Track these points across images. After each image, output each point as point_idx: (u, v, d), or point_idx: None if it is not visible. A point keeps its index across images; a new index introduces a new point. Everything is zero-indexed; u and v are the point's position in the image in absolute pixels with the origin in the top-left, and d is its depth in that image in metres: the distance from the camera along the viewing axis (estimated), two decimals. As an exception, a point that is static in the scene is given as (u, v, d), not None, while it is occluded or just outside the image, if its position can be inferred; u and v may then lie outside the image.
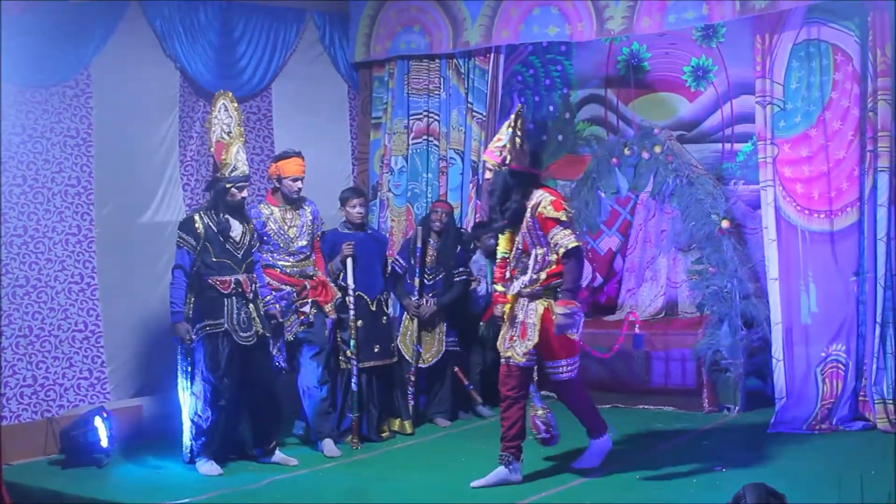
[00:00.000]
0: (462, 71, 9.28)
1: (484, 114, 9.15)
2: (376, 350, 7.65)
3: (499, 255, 6.49)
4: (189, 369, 6.80)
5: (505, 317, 6.34)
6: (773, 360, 7.69)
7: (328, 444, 7.27)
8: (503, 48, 9.15)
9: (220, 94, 7.03)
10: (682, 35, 9.21)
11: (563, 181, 10.16)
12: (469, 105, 9.22)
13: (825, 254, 7.55)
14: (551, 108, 10.46)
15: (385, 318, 7.82)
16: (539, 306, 6.09)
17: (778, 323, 7.67)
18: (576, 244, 6.01)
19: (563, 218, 6.04)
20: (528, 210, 6.11)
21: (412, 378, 8.00)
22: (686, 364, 8.58)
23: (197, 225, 6.78)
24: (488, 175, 6.37)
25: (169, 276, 6.82)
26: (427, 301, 8.03)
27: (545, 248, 6.10)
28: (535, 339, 6.07)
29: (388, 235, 9.10)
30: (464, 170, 9.23)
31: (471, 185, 9.16)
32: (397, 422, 7.90)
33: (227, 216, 6.83)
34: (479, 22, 9.00)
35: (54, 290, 7.52)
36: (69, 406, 7.53)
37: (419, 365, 8.06)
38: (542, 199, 6.08)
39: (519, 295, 6.19)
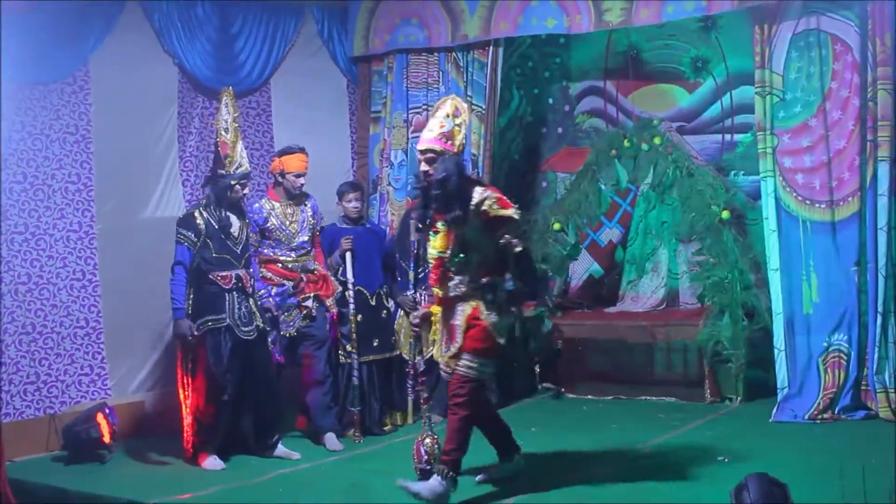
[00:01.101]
0: (461, 64, 9.26)
1: (483, 107, 9.14)
2: (376, 344, 7.66)
3: (434, 255, 6.01)
4: (191, 365, 6.81)
5: (434, 321, 6.02)
6: (775, 351, 7.69)
7: (330, 438, 7.28)
8: (502, 41, 9.12)
9: (223, 92, 7.06)
10: (681, 26, 9.19)
11: (563, 173, 10.18)
12: (468, 98, 9.20)
13: (826, 244, 7.55)
14: (550, 101, 10.47)
15: (385, 311, 7.83)
16: (468, 307, 5.76)
17: (779, 313, 7.67)
18: (522, 247, 5.75)
19: (515, 215, 5.73)
20: (472, 207, 5.69)
21: (410, 372, 7.97)
22: (688, 355, 8.59)
23: (197, 221, 6.79)
24: (425, 167, 5.78)
25: (169, 272, 6.82)
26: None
27: (486, 249, 5.75)
28: (460, 343, 5.75)
29: (387, 229, 9.09)
30: (464, 163, 9.20)
31: (471, 178, 9.14)
32: (399, 415, 7.91)
33: (226, 212, 6.85)
34: (478, 14, 8.99)
35: (56, 286, 7.53)
36: (71, 402, 7.54)
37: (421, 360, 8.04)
38: (485, 197, 5.69)
39: (455, 298, 5.85)
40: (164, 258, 6.93)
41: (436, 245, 5.96)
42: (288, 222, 7.38)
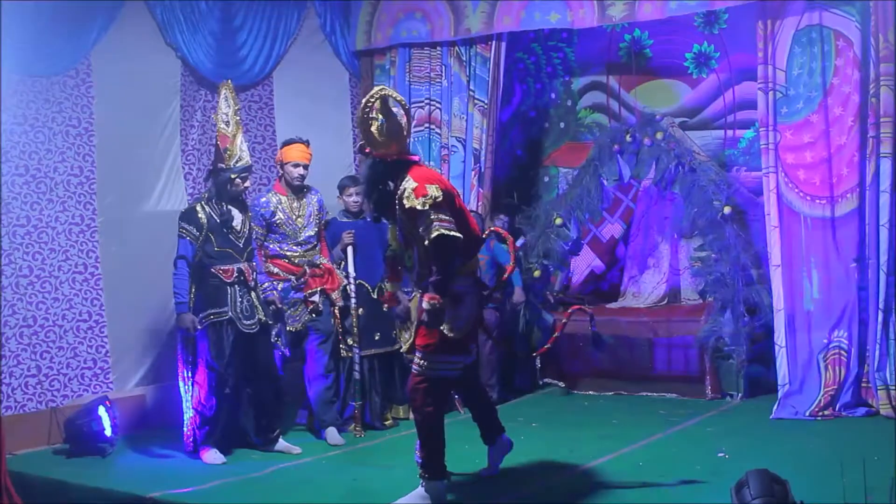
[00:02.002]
0: (464, 58, 9.26)
1: (486, 101, 9.14)
2: (377, 338, 7.66)
3: (388, 251, 6.01)
4: (192, 358, 6.81)
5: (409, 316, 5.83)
6: (776, 347, 7.70)
7: (332, 433, 7.28)
8: (505, 35, 9.12)
9: (222, 85, 7.04)
10: (684, 21, 9.18)
11: (565, 168, 10.18)
12: (471, 92, 9.21)
13: (826, 240, 7.55)
14: (553, 96, 10.46)
15: (386, 305, 7.82)
16: (416, 302, 5.65)
17: (780, 310, 7.67)
18: (438, 233, 5.26)
19: (419, 207, 5.28)
20: (398, 200, 5.46)
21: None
22: (689, 351, 8.60)
23: (199, 215, 6.79)
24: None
25: (171, 266, 6.82)
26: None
27: (419, 241, 5.45)
28: (410, 339, 5.66)
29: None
30: (465, 157, 9.21)
31: (473, 172, 9.15)
32: (401, 409, 7.91)
33: (228, 206, 6.85)
34: (481, 9, 8.99)
35: (58, 280, 7.53)
36: (73, 396, 7.55)
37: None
38: (405, 188, 5.37)
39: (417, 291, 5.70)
40: (167, 252, 6.94)
41: (391, 240, 5.91)
42: (295, 216, 7.38)
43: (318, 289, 7.39)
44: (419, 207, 5.28)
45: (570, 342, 9.12)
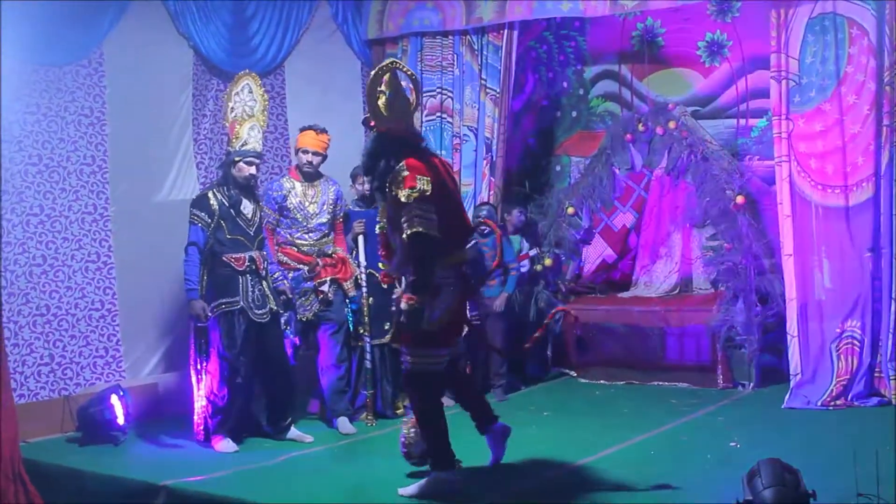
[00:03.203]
0: (475, 47, 9.25)
1: (498, 90, 9.13)
2: (387, 327, 7.65)
3: (378, 229, 5.77)
4: (204, 348, 6.82)
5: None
6: (788, 337, 7.67)
7: (343, 422, 7.30)
8: (517, 24, 9.10)
9: (244, 74, 7.06)
10: (696, 9, 9.15)
11: (577, 157, 10.17)
12: (483, 81, 9.19)
13: (840, 229, 7.51)
14: (565, 85, 10.44)
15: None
16: (398, 292, 5.60)
17: (793, 299, 7.64)
18: (416, 230, 5.17)
19: (403, 199, 5.20)
20: (388, 184, 5.35)
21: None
22: (701, 340, 8.58)
23: (211, 202, 6.80)
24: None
25: (183, 254, 6.83)
26: None
27: (400, 231, 5.33)
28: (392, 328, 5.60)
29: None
30: (477, 147, 9.21)
31: (485, 161, 9.14)
32: (411, 398, 7.92)
33: (237, 192, 6.85)
34: (493, -2, 8.98)
35: (71, 268, 7.56)
36: (86, 384, 7.58)
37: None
38: (396, 174, 5.27)
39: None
40: (179, 241, 6.95)
41: (380, 219, 5.68)
42: (307, 202, 7.38)
43: (328, 278, 7.39)
44: (403, 199, 5.21)
45: (581, 331, 9.13)
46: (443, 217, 5.30)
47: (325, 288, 7.36)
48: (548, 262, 9.20)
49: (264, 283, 6.91)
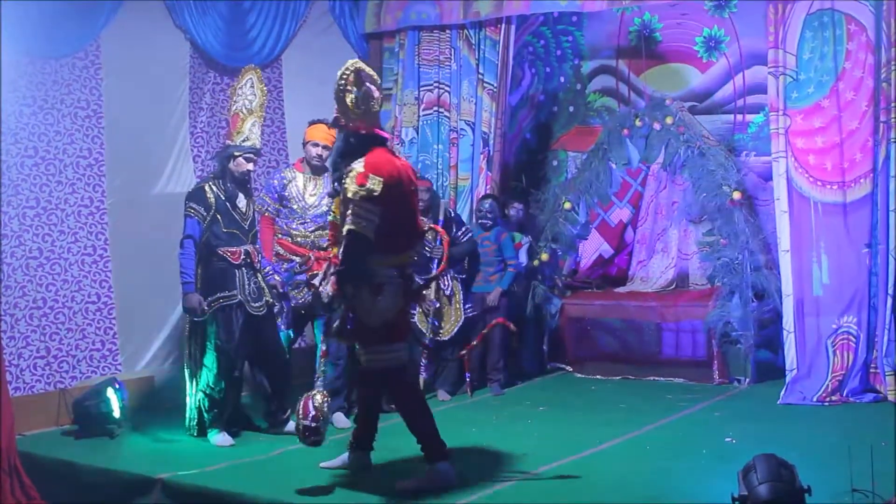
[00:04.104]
0: (473, 42, 9.24)
1: (495, 85, 9.13)
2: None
3: (329, 219, 5.90)
4: (200, 341, 6.81)
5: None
6: (784, 332, 7.69)
7: (339, 416, 7.28)
8: (514, 18, 9.10)
9: (249, 69, 7.06)
10: (694, 5, 9.16)
11: (574, 152, 10.17)
12: (480, 76, 9.19)
13: (837, 225, 7.52)
14: (562, 79, 10.44)
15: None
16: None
17: (789, 295, 7.65)
18: (351, 227, 5.28)
19: (349, 195, 5.30)
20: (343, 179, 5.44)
21: (425, 351, 7.95)
22: (697, 336, 8.60)
23: (208, 195, 6.78)
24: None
25: (178, 247, 6.81)
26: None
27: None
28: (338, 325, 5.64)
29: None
30: (474, 141, 9.21)
31: (482, 156, 9.14)
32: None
33: (233, 186, 6.85)
34: (490, -8, 8.97)
35: (67, 261, 7.54)
36: (82, 377, 7.57)
37: (441, 338, 8.02)
38: (352, 168, 5.36)
39: None
40: (175, 234, 6.93)
41: (333, 210, 5.77)
42: (307, 194, 7.36)
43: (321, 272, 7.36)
44: (349, 195, 5.30)
45: (577, 326, 9.14)
46: (391, 219, 5.38)
47: (316, 282, 7.33)
48: (544, 256, 9.19)
49: (259, 275, 6.91)
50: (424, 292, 7.23)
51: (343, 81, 5.49)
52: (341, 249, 5.38)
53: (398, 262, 5.56)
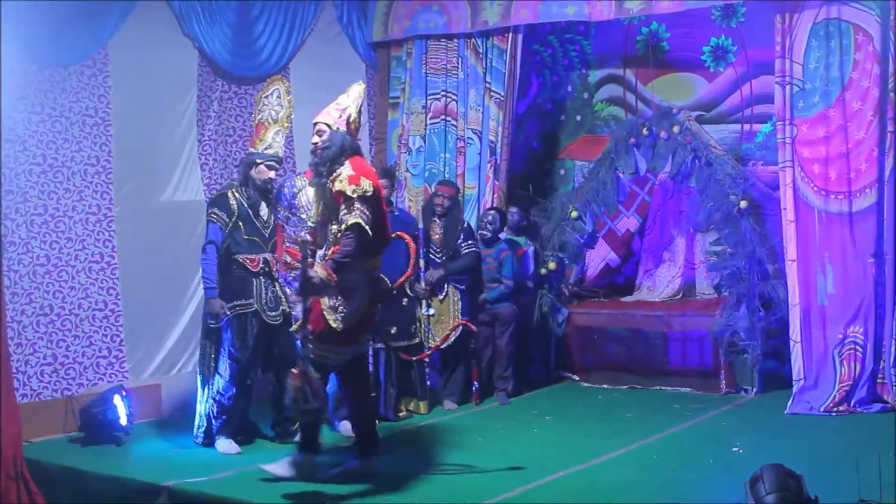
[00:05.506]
0: (480, 51, 9.25)
1: (502, 94, 9.13)
2: (393, 332, 7.64)
3: (310, 224, 6.19)
4: (214, 348, 6.79)
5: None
6: (791, 342, 7.67)
7: (346, 425, 7.27)
8: (521, 28, 9.11)
9: (276, 79, 7.13)
10: (701, 14, 9.16)
11: (581, 161, 10.17)
12: (487, 85, 9.20)
13: (843, 235, 7.52)
14: (570, 88, 10.45)
15: (406, 300, 7.80)
16: None
17: (795, 304, 7.64)
18: (356, 221, 5.48)
19: (349, 193, 5.51)
20: (330, 180, 5.68)
21: (426, 360, 7.98)
22: (703, 345, 8.58)
23: (231, 201, 6.80)
24: (315, 138, 5.82)
25: (187, 253, 6.82)
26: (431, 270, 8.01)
27: (336, 224, 5.67)
28: (301, 320, 5.77)
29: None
30: (482, 150, 9.21)
31: (489, 165, 9.14)
32: (413, 401, 7.91)
33: (256, 194, 6.85)
34: (498, 1, 8.97)
35: (74, 269, 7.55)
36: (88, 384, 7.57)
37: (441, 346, 8.02)
38: (341, 172, 5.62)
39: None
40: (182, 242, 6.97)
41: (314, 211, 6.06)
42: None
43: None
44: (349, 193, 5.51)
45: (584, 335, 9.13)
46: (369, 223, 5.57)
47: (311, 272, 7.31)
48: (552, 265, 9.19)
49: (276, 284, 6.91)
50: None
51: (359, 97, 6.04)
52: (346, 241, 5.51)
53: (368, 266, 5.76)
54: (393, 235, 6.59)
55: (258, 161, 6.83)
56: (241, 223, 6.79)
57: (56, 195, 7.47)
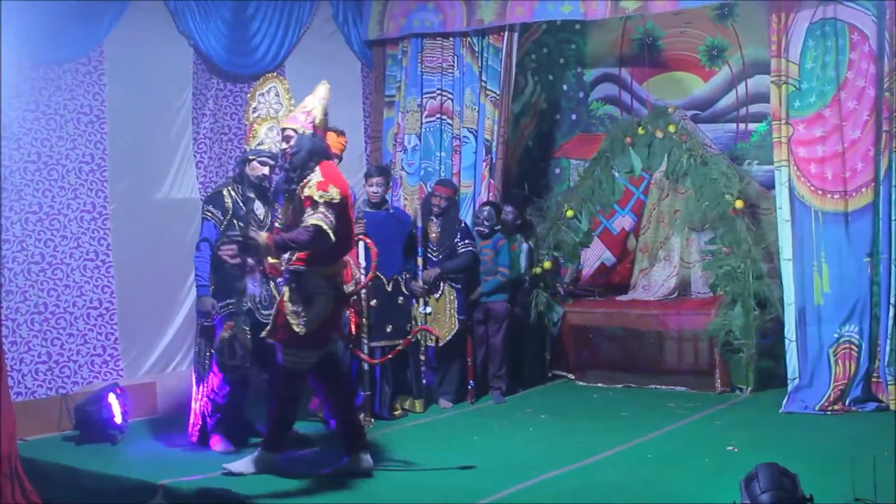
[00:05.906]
0: (476, 49, 9.25)
1: (498, 92, 9.12)
2: (389, 330, 7.64)
3: (277, 225, 6.22)
4: (208, 346, 6.78)
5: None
6: (786, 341, 7.68)
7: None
8: (517, 26, 9.11)
9: (272, 77, 7.05)
10: (697, 14, 9.17)
11: (577, 160, 10.18)
12: (483, 83, 9.19)
13: (839, 234, 7.52)
14: (565, 87, 10.46)
15: (401, 298, 7.80)
16: (284, 291, 5.89)
17: (791, 303, 7.65)
18: (316, 222, 5.53)
19: (316, 198, 5.58)
20: (300, 186, 5.76)
21: (422, 358, 7.99)
22: (699, 344, 8.59)
23: (226, 200, 6.77)
24: (284, 145, 5.89)
25: (182, 251, 6.80)
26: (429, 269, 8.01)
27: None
28: (271, 326, 5.95)
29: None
30: (477, 148, 9.20)
31: (484, 163, 9.14)
32: (408, 400, 7.91)
33: (251, 193, 6.83)
34: (493, 0, 8.96)
35: (69, 266, 7.55)
36: (83, 383, 7.57)
37: (435, 343, 8.02)
38: (311, 177, 5.70)
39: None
40: (178, 239, 6.95)
41: (281, 215, 6.15)
42: None
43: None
44: (316, 198, 5.59)
45: (579, 334, 9.14)
46: (335, 230, 5.63)
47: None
48: (547, 265, 9.19)
49: (271, 283, 6.89)
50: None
51: (326, 99, 6.09)
52: (301, 230, 5.57)
53: (330, 272, 5.87)
54: (357, 238, 6.70)
55: (251, 158, 6.80)
56: (235, 222, 6.77)
57: (51, 193, 7.46)
